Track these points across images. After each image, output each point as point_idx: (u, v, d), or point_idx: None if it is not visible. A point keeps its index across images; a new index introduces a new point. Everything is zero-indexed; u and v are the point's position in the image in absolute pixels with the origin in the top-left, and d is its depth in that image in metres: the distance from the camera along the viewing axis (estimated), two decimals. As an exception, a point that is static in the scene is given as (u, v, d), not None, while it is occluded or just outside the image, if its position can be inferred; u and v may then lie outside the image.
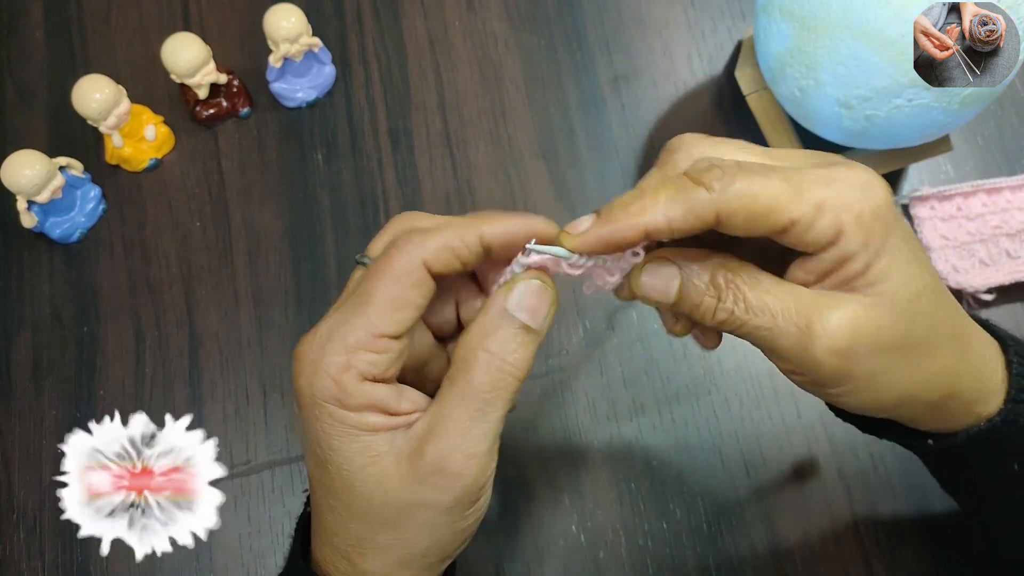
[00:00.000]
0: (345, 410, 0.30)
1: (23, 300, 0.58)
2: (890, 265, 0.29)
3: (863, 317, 0.29)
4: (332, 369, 0.29)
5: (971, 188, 0.57)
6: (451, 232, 0.31)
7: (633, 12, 0.64)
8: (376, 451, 0.30)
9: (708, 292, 0.30)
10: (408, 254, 0.30)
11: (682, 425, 0.54)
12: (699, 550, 0.51)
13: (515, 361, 0.30)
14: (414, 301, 0.30)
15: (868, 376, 0.30)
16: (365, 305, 0.30)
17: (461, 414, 0.30)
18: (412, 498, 0.30)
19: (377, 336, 0.30)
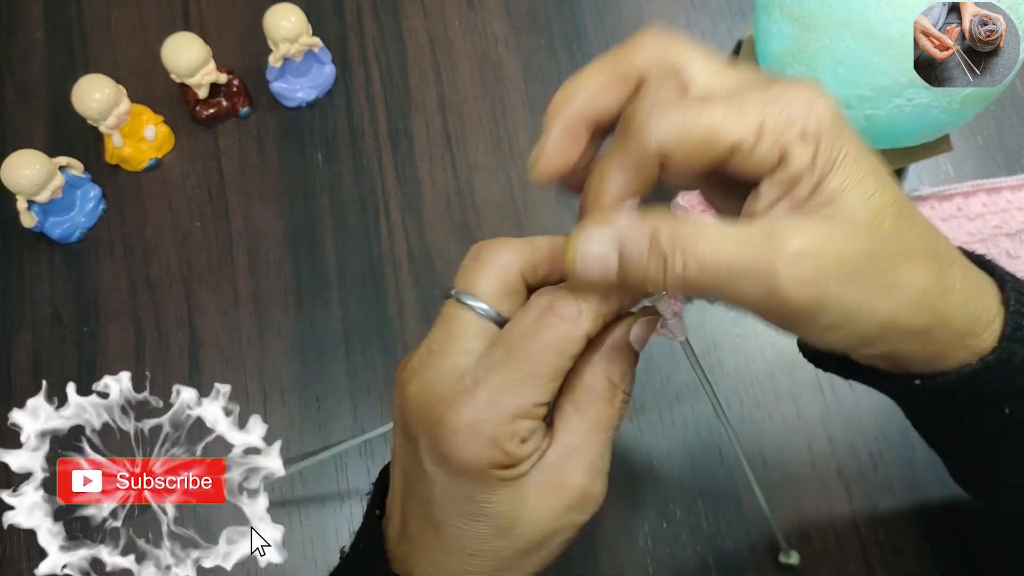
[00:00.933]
0: (508, 470, 0.30)
1: (23, 300, 0.58)
2: (843, 182, 0.27)
3: (823, 240, 0.27)
4: (501, 438, 0.30)
5: (971, 188, 0.57)
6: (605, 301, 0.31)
7: (633, 12, 0.64)
8: (525, 490, 0.31)
9: (652, 259, 0.28)
10: (571, 323, 0.30)
11: (682, 425, 0.54)
12: (699, 550, 0.51)
13: (627, 387, 0.32)
14: (568, 367, 0.31)
15: (843, 305, 0.28)
16: (529, 377, 0.30)
17: (596, 441, 0.32)
18: (560, 524, 0.32)
19: (536, 404, 0.30)
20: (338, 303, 0.57)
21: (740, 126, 0.27)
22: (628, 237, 0.28)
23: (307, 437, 0.54)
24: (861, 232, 0.27)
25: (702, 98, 0.28)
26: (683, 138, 0.27)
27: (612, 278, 0.28)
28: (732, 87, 0.29)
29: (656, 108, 0.27)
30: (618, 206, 0.29)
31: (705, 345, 0.55)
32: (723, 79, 0.29)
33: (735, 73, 0.29)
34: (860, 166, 0.28)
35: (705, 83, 0.29)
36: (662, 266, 0.28)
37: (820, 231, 0.27)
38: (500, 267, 0.32)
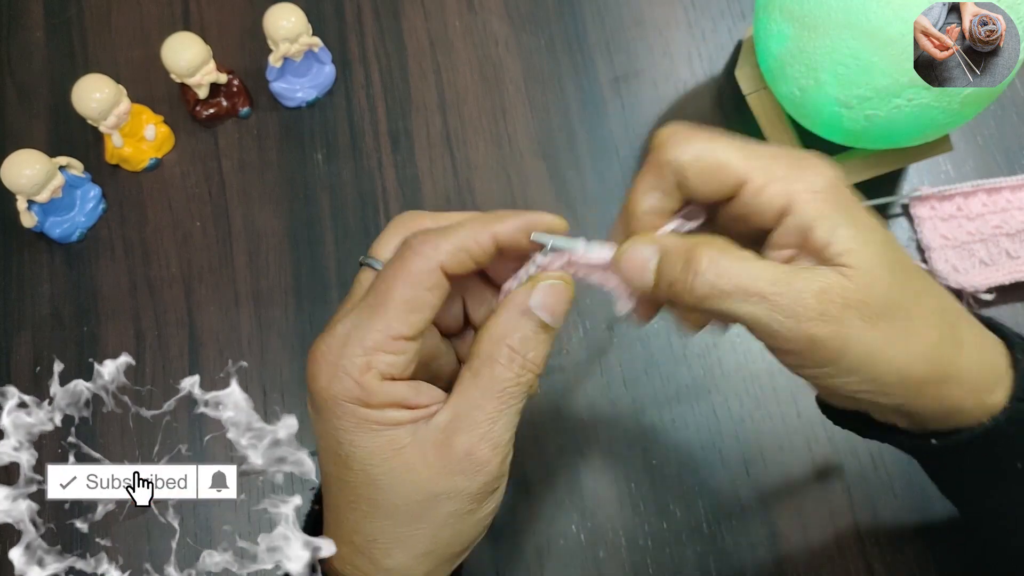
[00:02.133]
0: (368, 408, 0.30)
1: (23, 300, 0.58)
2: (855, 236, 0.30)
3: (845, 284, 0.29)
4: (353, 370, 0.30)
5: (971, 188, 0.57)
6: (465, 233, 0.31)
7: (633, 12, 0.64)
8: (400, 443, 0.31)
9: (685, 270, 0.30)
10: (424, 256, 0.31)
11: (682, 425, 0.54)
12: (699, 550, 0.51)
13: (535, 357, 0.32)
14: (430, 303, 0.31)
15: (863, 347, 0.29)
16: (382, 307, 0.30)
17: (487, 405, 0.31)
18: (439, 488, 0.31)
19: (394, 338, 0.30)
20: (338, 303, 0.57)
21: (749, 167, 0.31)
22: (669, 248, 0.31)
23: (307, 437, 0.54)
24: (880, 282, 0.29)
25: (722, 138, 0.32)
26: (696, 163, 0.31)
27: (649, 281, 0.32)
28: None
29: (679, 134, 0.32)
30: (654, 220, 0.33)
31: (705, 344, 0.55)
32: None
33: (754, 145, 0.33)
34: (867, 224, 0.30)
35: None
36: (692, 278, 0.30)
37: (841, 276, 0.29)
38: (404, 230, 0.33)
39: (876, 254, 0.30)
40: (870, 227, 0.30)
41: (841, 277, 0.29)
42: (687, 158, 0.31)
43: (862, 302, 0.29)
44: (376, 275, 0.32)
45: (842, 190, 0.31)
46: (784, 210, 0.30)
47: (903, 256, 0.31)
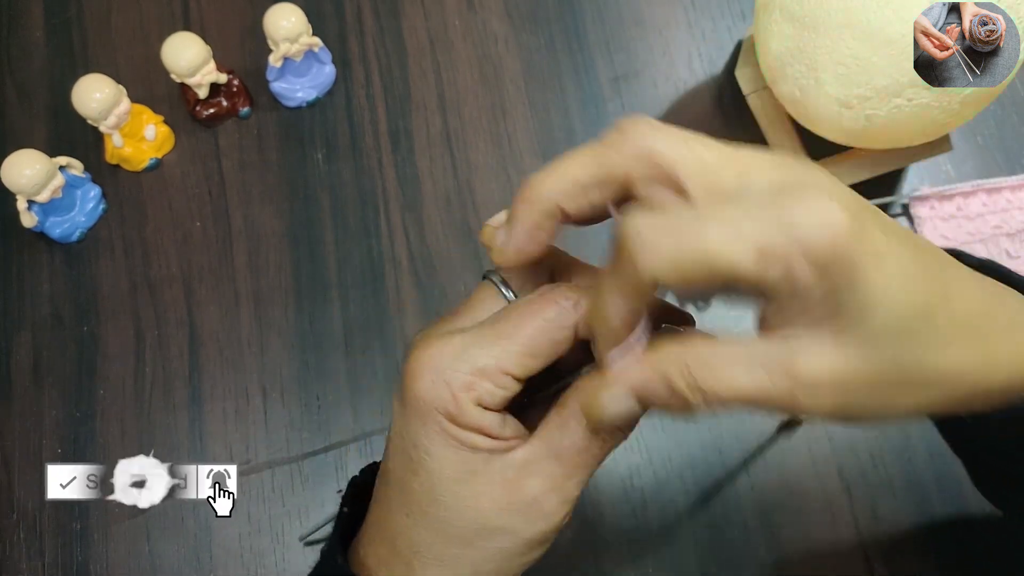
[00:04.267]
0: (455, 424, 0.30)
1: (23, 300, 0.58)
2: (866, 295, 0.25)
3: (842, 363, 0.25)
4: (455, 385, 0.29)
5: (971, 188, 0.57)
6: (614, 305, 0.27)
7: (633, 12, 0.64)
8: (472, 467, 0.30)
9: (672, 399, 0.27)
10: (565, 312, 0.30)
11: (682, 425, 0.54)
12: (699, 550, 0.51)
13: (626, 427, 0.31)
14: (549, 354, 0.30)
15: (869, 409, 0.27)
16: (504, 340, 0.29)
17: (569, 459, 0.30)
18: (497, 523, 0.30)
19: (504, 372, 0.29)
20: (338, 303, 0.57)
21: (739, 252, 0.24)
22: (645, 388, 0.27)
23: (307, 437, 0.54)
24: (886, 344, 0.25)
25: (696, 215, 0.25)
26: (677, 267, 0.24)
27: (639, 415, 0.29)
28: (733, 186, 0.26)
29: (646, 233, 0.25)
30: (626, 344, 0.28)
31: (705, 345, 0.55)
32: (722, 176, 0.26)
33: (735, 165, 0.27)
34: (886, 270, 0.25)
35: (702, 184, 0.26)
36: (687, 405, 0.26)
37: (840, 352, 0.25)
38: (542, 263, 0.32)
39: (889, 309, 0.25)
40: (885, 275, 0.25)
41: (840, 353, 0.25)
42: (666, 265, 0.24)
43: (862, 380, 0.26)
44: (508, 304, 0.31)
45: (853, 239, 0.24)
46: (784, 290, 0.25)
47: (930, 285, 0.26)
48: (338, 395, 0.55)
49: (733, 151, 0.27)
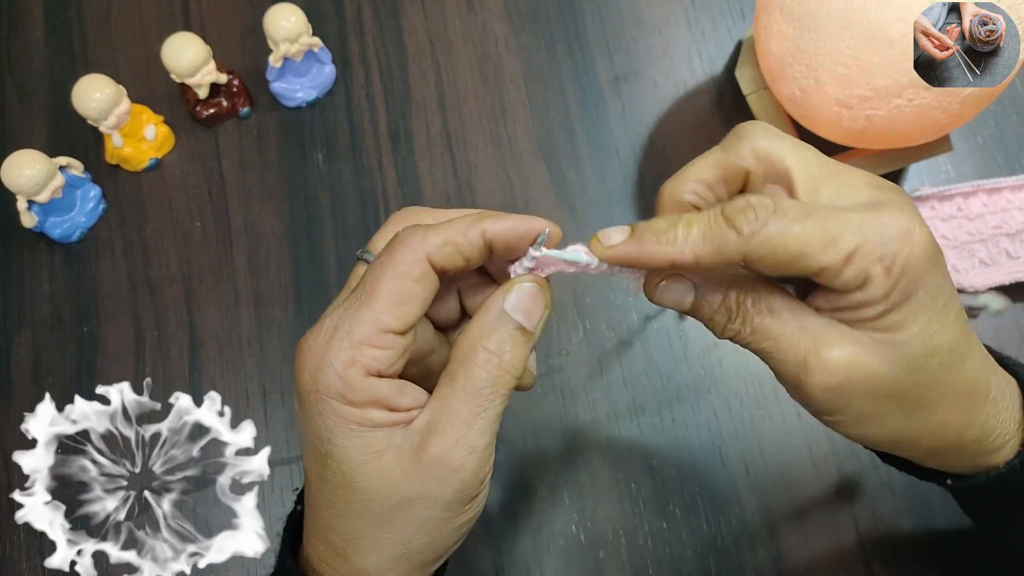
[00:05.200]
0: (349, 406, 0.30)
1: (23, 300, 0.58)
2: (907, 318, 0.29)
3: (862, 360, 0.29)
4: (337, 364, 0.29)
5: (971, 188, 0.57)
6: (454, 228, 0.31)
7: (633, 12, 0.64)
8: (378, 447, 0.30)
9: (719, 311, 0.31)
10: (412, 248, 0.30)
11: (682, 425, 0.54)
12: (699, 550, 0.51)
13: (511, 359, 0.31)
14: (419, 296, 0.31)
15: (858, 414, 0.31)
16: (370, 300, 0.30)
17: (462, 409, 0.30)
18: (413, 492, 0.30)
19: (382, 331, 0.30)
20: (338, 303, 0.57)
21: (832, 254, 0.28)
22: (708, 289, 0.31)
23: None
24: (903, 366, 0.30)
25: (802, 212, 0.29)
26: (776, 252, 0.29)
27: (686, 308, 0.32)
28: (835, 194, 0.31)
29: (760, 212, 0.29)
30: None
31: (705, 344, 0.55)
32: (827, 185, 0.31)
33: (838, 177, 0.31)
34: (930, 305, 0.29)
35: (809, 187, 0.31)
36: (724, 319, 0.31)
37: (864, 351, 0.29)
38: (400, 225, 0.33)
39: (917, 339, 0.29)
40: (930, 310, 0.29)
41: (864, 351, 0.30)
42: (766, 248, 0.29)
43: (871, 380, 0.30)
44: (367, 268, 0.32)
45: (923, 264, 0.29)
46: (857, 287, 0.29)
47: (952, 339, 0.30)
48: (338, 395, 0.55)
49: (836, 165, 0.32)
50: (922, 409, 0.31)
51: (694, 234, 0.29)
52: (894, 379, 0.30)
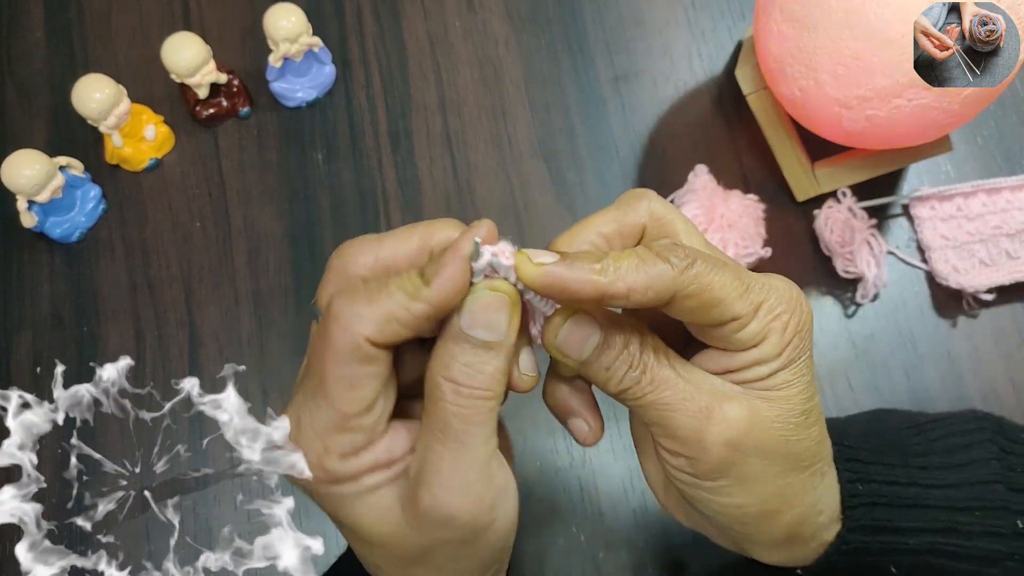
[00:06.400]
0: (339, 486, 0.29)
1: (23, 300, 0.58)
2: (794, 377, 0.30)
3: (760, 415, 0.30)
4: (312, 457, 0.28)
5: (971, 188, 0.57)
6: (393, 301, 0.28)
7: (633, 12, 0.64)
8: (383, 506, 0.29)
9: (621, 359, 0.30)
10: (347, 332, 0.27)
11: (682, 425, 0.54)
12: (699, 550, 0.51)
13: (483, 383, 0.28)
14: (370, 374, 0.28)
15: (744, 476, 0.30)
16: (322, 388, 0.28)
17: (442, 452, 0.28)
18: (425, 541, 0.30)
19: (344, 418, 0.28)
20: (338, 303, 0.57)
21: (744, 304, 0.29)
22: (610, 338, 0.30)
23: (307, 437, 0.54)
24: (791, 427, 0.30)
25: (717, 261, 0.29)
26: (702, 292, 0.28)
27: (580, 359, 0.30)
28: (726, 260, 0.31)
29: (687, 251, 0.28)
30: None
31: (705, 345, 0.55)
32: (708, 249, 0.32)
33: (714, 252, 0.32)
34: (809, 369, 0.31)
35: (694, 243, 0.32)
36: (624, 371, 0.30)
37: (760, 405, 0.30)
38: (346, 277, 0.30)
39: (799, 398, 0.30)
40: (807, 377, 0.31)
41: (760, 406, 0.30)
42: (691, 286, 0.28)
43: (768, 442, 0.30)
44: (311, 341, 0.30)
45: (808, 333, 0.31)
46: (752, 344, 0.30)
47: (816, 404, 0.32)
48: (338, 395, 0.55)
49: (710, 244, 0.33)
50: (800, 470, 0.31)
51: (625, 266, 0.27)
52: (784, 435, 0.30)
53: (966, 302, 0.57)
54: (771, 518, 0.32)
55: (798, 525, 0.32)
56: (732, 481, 0.30)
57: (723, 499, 0.31)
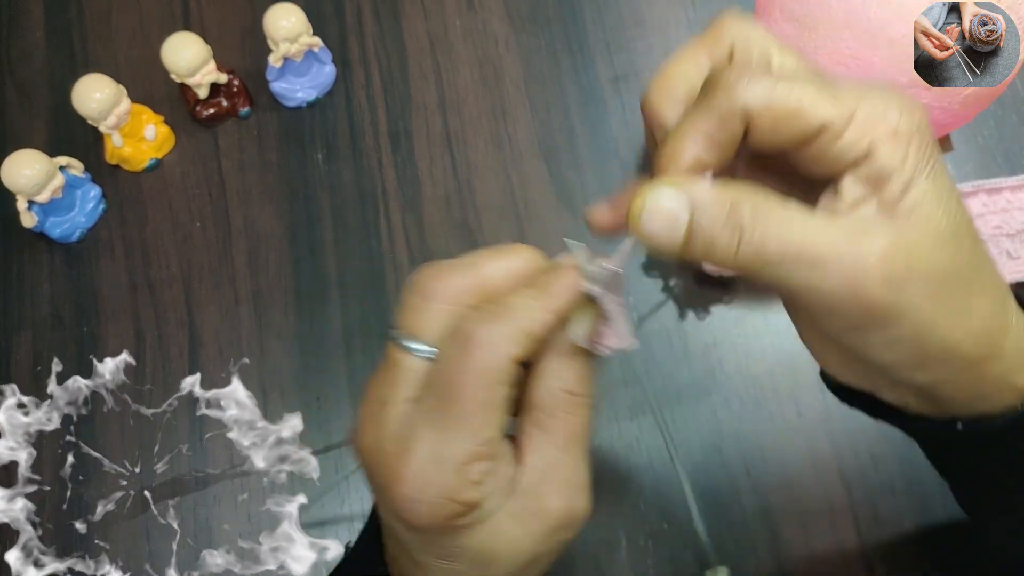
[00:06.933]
0: (473, 512, 0.29)
1: (23, 300, 0.58)
2: (932, 190, 0.26)
3: (912, 243, 0.26)
4: (454, 494, 0.28)
5: (971, 188, 0.57)
6: (529, 319, 0.28)
7: (633, 12, 0.64)
8: (501, 525, 0.30)
9: (727, 226, 0.26)
10: (494, 354, 0.28)
11: (682, 425, 0.54)
12: (699, 551, 0.51)
13: (591, 391, 0.31)
14: (508, 396, 0.29)
15: (919, 316, 0.26)
16: (461, 416, 0.28)
17: (567, 458, 0.30)
18: (544, 548, 0.30)
19: (484, 444, 0.28)
20: (338, 303, 0.57)
21: (832, 108, 0.26)
22: (706, 201, 0.26)
23: (306, 437, 0.54)
24: (948, 245, 0.26)
25: (795, 76, 0.27)
26: (773, 105, 0.26)
27: (677, 241, 0.27)
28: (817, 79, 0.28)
29: (749, 71, 0.27)
30: (695, 173, 0.27)
31: (705, 344, 0.55)
32: (808, 72, 0.29)
33: (817, 69, 0.29)
34: (945, 180, 0.27)
35: (791, 70, 0.29)
36: (736, 238, 0.26)
37: (908, 234, 0.26)
38: (445, 302, 0.30)
39: (951, 214, 0.26)
40: (948, 186, 0.27)
41: (913, 234, 0.26)
42: (760, 103, 0.26)
43: (929, 266, 0.26)
44: (436, 369, 0.29)
45: (928, 137, 0.27)
46: (863, 155, 0.26)
47: (970, 220, 0.28)
48: (338, 395, 0.55)
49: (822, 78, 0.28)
50: (971, 297, 0.27)
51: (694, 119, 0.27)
52: (946, 262, 0.26)
53: (966, 302, 0.57)
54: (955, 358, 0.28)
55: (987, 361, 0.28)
56: (906, 327, 0.26)
57: (898, 349, 0.27)
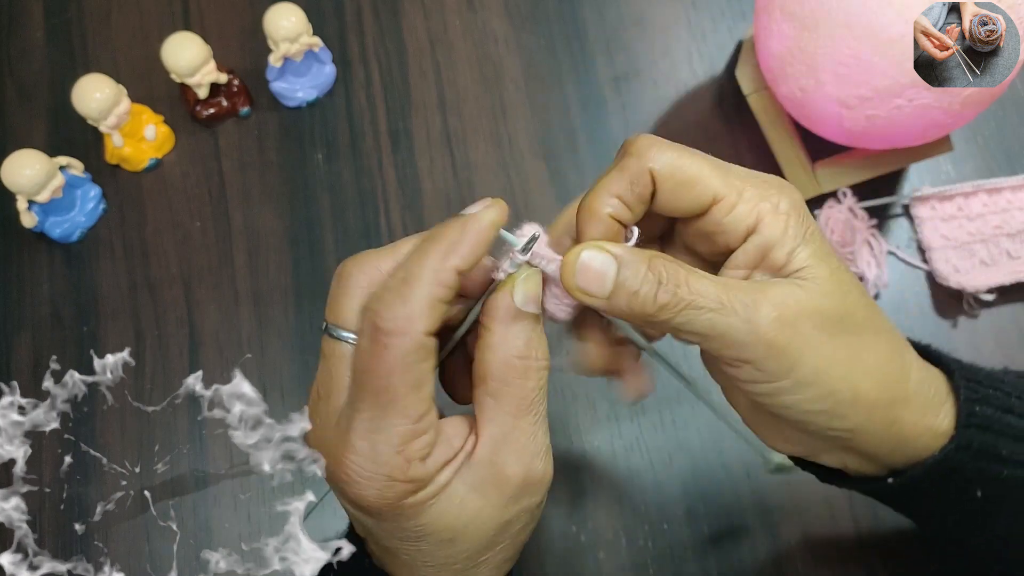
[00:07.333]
0: (417, 494, 0.30)
1: (23, 300, 0.58)
2: (814, 255, 0.30)
3: (800, 292, 0.30)
4: (397, 474, 0.29)
5: (972, 188, 0.57)
6: (430, 287, 0.29)
7: (633, 12, 0.64)
8: (458, 496, 0.30)
9: (647, 279, 0.29)
10: (405, 335, 0.29)
11: (682, 425, 0.54)
12: (699, 550, 0.51)
13: (542, 354, 0.32)
14: (429, 369, 0.30)
15: (817, 357, 0.30)
16: (391, 401, 0.29)
17: (522, 424, 0.31)
18: (509, 516, 0.31)
19: (417, 420, 0.29)
20: (338, 303, 0.57)
21: (724, 184, 0.30)
22: (629, 259, 0.30)
23: (307, 437, 0.54)
24: (833, 294, 0.30)
25: (696, 154, 0.31)
26: (675, 172, 0.30)
27: (606, 293, 0.30)
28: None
29: (657, 141, 0.31)
30: (611, 228, 0.31)
31: (705, 345, 0.55)
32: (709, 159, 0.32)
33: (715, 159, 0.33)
34: (824, 244, 0.31)
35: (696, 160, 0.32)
36: (655, 288, 0.29)
37: (798, 288, 0.30)
38: (365, 287, 0.31)
39: (832, 272, 0.30)
40: (827, 250, 0.31)
41: (798, 288, 0.30)
42: (666, 169, 0.30)
43: (817, 312, 0.30)
44: (356, 358, 0.30)
45: (805, 212, 0.31)
46: (750, 229, 0.30)
47: (855, 279, 0.32)
48: (338, 395, 0.55)
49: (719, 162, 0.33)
50: (863, 344, 0.31)
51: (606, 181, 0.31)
52: (833, 309, 0.30)
53: (966, 302, 0.57)
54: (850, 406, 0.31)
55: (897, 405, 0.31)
56: (806, 371, 0.30)
57: (806, 393, 0.30)
